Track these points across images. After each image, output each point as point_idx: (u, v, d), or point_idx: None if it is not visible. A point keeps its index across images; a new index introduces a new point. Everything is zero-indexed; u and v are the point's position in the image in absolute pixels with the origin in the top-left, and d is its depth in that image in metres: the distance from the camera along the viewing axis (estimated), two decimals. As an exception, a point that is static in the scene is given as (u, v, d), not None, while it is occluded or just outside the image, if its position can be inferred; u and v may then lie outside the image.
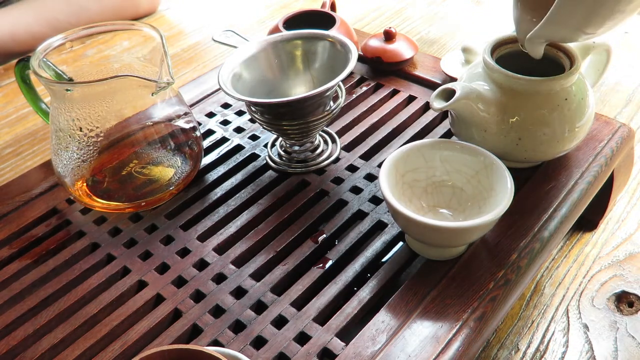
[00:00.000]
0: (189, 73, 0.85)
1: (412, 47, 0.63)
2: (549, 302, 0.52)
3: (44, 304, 0.43)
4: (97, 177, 0.49)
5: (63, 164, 0.47)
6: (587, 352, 0.48)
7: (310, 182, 0.51)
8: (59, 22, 0.89)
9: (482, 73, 0.47)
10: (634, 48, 0.85)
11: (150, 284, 0.43)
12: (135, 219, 0.49)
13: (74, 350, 0.39)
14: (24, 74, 0.49)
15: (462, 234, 0.40)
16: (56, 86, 0.43)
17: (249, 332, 0.39)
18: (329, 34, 0.51)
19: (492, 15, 0.97)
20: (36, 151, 0.71)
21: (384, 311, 0.40)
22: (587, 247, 0.57)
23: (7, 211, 0.50)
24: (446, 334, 0.38)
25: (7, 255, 0.47)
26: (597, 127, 0.53)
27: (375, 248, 0.44)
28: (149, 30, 0.47)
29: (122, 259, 0.45)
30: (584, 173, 0.49)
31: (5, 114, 0.78)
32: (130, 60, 0.49)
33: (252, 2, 1.06)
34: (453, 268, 0.42)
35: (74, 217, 0.49)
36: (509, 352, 0.48)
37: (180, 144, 0.50)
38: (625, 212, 0.60)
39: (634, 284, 0.53)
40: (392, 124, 0.57)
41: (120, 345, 0.39)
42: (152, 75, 0.44)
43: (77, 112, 0.44)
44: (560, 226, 0.46)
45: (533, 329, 0.50)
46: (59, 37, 0.46)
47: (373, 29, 0.94)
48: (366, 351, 0.37)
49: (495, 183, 0.42)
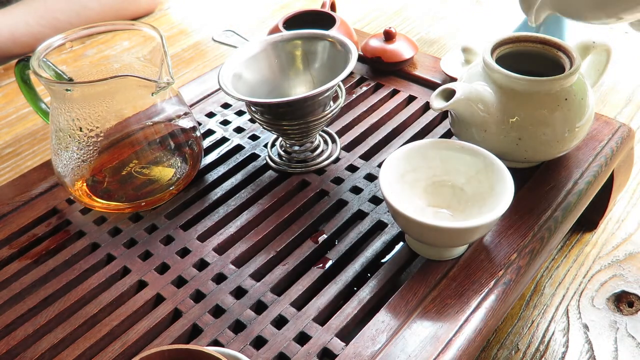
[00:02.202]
0: (189, 73, 0.85)
1: (412, 47, 0.63)
2: (549, 302, 0.52)
3: (44, 304, 0.43)
4: (97, 177, 0.49)
5: (63, 164, 0.47)
6: (587, 352, 0.48)
7: (310, 182, 0.51)
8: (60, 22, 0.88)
9: (482, 73, 0.47)
10: (634, 48, 0.85)
11: (150, 284, 0.43)
12: (135, 219, 0.49)
13: (74, 350, 0.39)
14: (24, 74, 0.49)
15: (462, 234, 0.40)
16: (56, 86, 0.43)
17: (249, 332, 0.39)
18: (329, 34, 0.51)
19: (492, 15, 0.97)
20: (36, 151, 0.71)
21: (384, 311, 0.40)
22: (587, 247, 0.57)
23: (7, 211, 0.50)
24: (446, 334, 0.38)
25: (7, 255, 0.47)
26: (597, 127, 0.53)
27: (375, 248, 0.44)
28: (149, 30, 0.47)
29: (122, 259, 0.45)
30: (584, 173, 0.49)
31: (5, 114, 0.78)
32: (130, 60, 0.49)
33: (252, 2, 1.06)
34: (453, 268, 0.42)
35: (74, 217, 0.49)
36: (509, 352, 0.48)
37: (180, 144, 0.50)
38: (625, 212, 0.60)
39: (634, 284, 0.53)
40: (392, 124, 0.57)
41: (120, 345, 0.39)
42: (152, 75, 0.44)
43: (77, 112, 0.44)
44: (560, 226, 0.46)
45: (533, 329, 0.50)
46: (59, 37, 0.46)
47: (373, 29, 0.94)
48: (366, 351, 0.37)
49: (495, 183, 0.42)
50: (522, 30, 0.61)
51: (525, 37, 0.48)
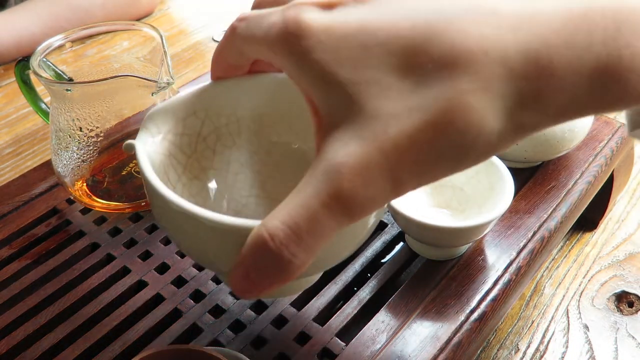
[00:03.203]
0: (189, 73, 0.85)
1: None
2: (549, 302, 0.52)
3: (44, 304, 0.43)
4: (97, 177, 0.49)
5: (63, 164, 0.47)
6: (587, 352, 0.48)
7: (310, 182, 0.51)
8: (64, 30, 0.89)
9: (482, 73, 0.47)
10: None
11: (150, 284, 0.43)
12: (135, 219, 0.49)
13: (74, 350, 0.39)
14: (24, 74, 0.49)
15: (462, 234, 0.40)
16: (56, 86, 0.43)
17: (249, 332, 0.39)
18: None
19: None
20: (36, 151, 0.71)
21: (384, 311, 0.40)
22: (587, 247, 0.57)
23: (7, 211, 0.50)
24: (446, 334, 0.38)
25: (7, 255, 0.47)
26: (597, 127, 0.53)
27: (375, 248, 0.44)
28: (149, 30, 0.47)
29: (122, 259, 0.45)
30: (584, 173, 0.49)
31: (5, 114, 0.78)
32: (130, 60, 0.49)
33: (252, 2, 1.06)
34: (453, 268, 0.42)
35: (74, 217, 0.49)
36: (509, 352, 0.48)
37: (180, 144, 0.50)
38: (625, 212, 0.60)
39: (634, 284, 0.53)
40: (392, 124, 0.57)
41: (120, 345, 0.39)
42: (152, 75, 0.44)
43: (77, 112, 0.44)
44: (560, 226, 0.46)
45: (533, 329, 0.50)
46: (59, 37, 0.46)
47: (373, 29, 0.94)
48: (366, 351, 0.37)
49: (495, 183, 0.42)
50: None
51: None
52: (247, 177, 0.37)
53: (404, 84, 0.20)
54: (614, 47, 0.20)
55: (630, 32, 0.20)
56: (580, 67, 0.20)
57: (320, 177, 0.21)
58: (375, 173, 0.20)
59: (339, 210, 0.21)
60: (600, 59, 0.20)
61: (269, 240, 0.21)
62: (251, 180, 0.37)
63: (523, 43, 0.20)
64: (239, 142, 0.36)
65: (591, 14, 0.20)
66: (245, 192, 0.37)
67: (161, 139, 0.32)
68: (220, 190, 0.36)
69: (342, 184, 0.20)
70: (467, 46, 0.20)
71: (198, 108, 0.34)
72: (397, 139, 0.20)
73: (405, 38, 0.21)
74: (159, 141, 0.31)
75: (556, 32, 0.20)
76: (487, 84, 0.20)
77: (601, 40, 0.20)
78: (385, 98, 0.21)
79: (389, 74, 0.21)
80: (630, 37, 0.20)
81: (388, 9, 0.22)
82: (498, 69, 0.20)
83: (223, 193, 0.36)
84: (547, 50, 0.20)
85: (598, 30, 0.20)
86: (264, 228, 0.21)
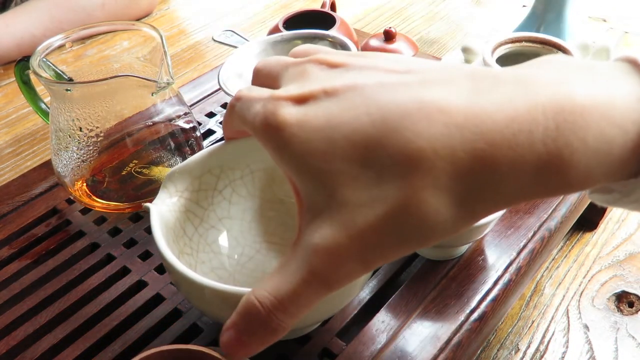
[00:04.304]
0: (189, 73, 0.85)
1: (412, 47, 0.63)
2: (549, 302, 0.52)
3: (44, 304, 0.43)
4: (97, 177, 0.49)
5: (63, 164, 0.47)
6: (587, 352, 0.48)
7: (310, 182, 0.51)
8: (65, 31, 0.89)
9: (482, 73, 0.47)
10: (633, 48, 0.85)
11: (150, 284, 0.43)
12: (135, 219, 0.49)
13: (74, 350, 0.39)
14: (24, 74, 0.49)
15: (462, 233, 0.40)
16: (56, 86, 0.43)
17: (249, 332, 0.39)
18: (329, 34, 0.51)
19: (492, 15, 0.97)
20: (36, 151, 0.71)
21: (384, 311, 0.40)
22: (587, 247, 0.57)
23: (7, 211, 0.50)
24: (446, 334, 0.38)
25: (7, 255, 0.47)
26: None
27: (375, 248, 0.44)
28: (149, 30, 0.47)
29: (122, 259, 0.45)
30: (584, 173, 0.49)
31: (5, 114, 0.78)
32: (130, 60, 0.49)
33: (252, 2, 1.06)
34: (453, 268, 0.42)
35: (74, 217, 0.49)
36: (509, 352, 0.48)
37: (180, 144, 0.50)
38: (625, 212, 0.60)
39: (634, 284, 0.53)
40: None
41: (120, 345, 0.39)
42: (152, 75, 0.44)
43: (77, 112, 0.44)
44: (560, 226, 0.46)
45: (533, 329, 0.50)
46: (59, 37, 0.46)
47: (373, 29, 0.94)
48: (366, 351, 0.37)
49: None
50: (522, 30, 0.61)
51: (525, 37, 0.48)
52: (260, 224, 0.40)
53: (367, 175, 0.23)
54: (553, 147, 0.21)
55: (569, 131, 0.21)
56: (523, 164, 0.21)
57: (299, 257, 0.24)
58: (345, 256, 0.23)
59: (318, 285, 0.24)
60: (541, 157, 0.21)
61: (258, 305, 0.24)
62: (264, 226, 0.40)
63: (469, 142, 0.22)
64: (253, 191, 0.40)
65: (534, 113, 0.21)
66: (259, 238, 0.40)
67: (178, 198, 0.36)
68: (236, 237, 0.39)
69: (317, 265, 0.23)
70: (419, 145, 0.22)
71: (213, 166, 0.37)
72: (362, 228, 0.22)
73: (365, 133, 0.23)
74: (175, 200, 0.35)
75: (500, 132, 0.21)
76: (438, 181, 0.22)
77: (541, 139, 0.21)
78: (352, 188, 0.23)
79: (353, 166, 0.23)
80: (569, 136, 0.21)
81: (352, 102, 0.24)
82: (447, 166, 0.22)
83: (238, 240, 0.40)
84: (492, 150, 0.21)
85: (539, 130, 0.21)
86: (254, 295, 0.25)
